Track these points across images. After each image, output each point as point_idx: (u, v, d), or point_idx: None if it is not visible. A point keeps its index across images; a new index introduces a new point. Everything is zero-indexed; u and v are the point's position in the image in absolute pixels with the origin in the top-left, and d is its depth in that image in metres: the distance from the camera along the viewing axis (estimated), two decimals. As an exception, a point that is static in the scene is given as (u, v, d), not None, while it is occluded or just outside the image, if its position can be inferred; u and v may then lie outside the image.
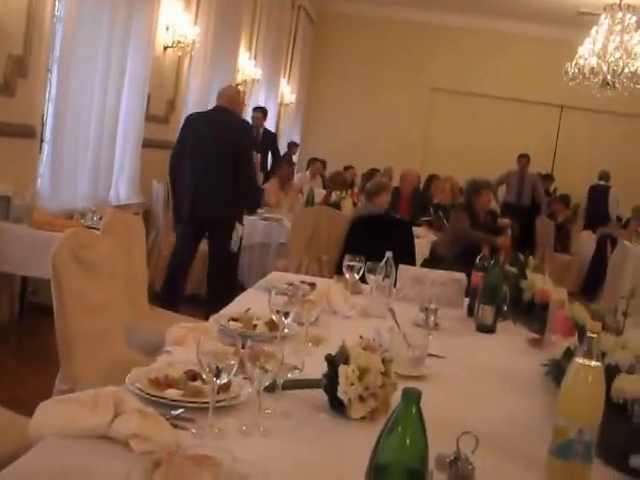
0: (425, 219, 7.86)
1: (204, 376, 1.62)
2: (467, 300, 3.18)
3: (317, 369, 1.82)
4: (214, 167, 5.24)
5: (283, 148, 12.04)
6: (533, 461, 1.60)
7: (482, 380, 2.26)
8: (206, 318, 2.81)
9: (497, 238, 6.35)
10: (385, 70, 14.35)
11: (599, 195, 12.61)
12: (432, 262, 5.41)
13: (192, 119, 5.57)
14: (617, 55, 10.25)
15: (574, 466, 1.51)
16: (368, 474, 1.09)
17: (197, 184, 5.26)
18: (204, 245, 5.55)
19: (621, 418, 1.70)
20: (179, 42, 7.23)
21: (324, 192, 8.80)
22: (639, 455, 1.54)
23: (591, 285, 10.10)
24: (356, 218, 5.59)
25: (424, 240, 6.47)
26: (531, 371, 2.34)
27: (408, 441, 1.07)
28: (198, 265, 5.88)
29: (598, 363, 1.50)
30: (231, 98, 5.47)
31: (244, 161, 5.34)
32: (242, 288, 4.04)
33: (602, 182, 12.78)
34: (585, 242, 11.60)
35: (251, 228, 6.71)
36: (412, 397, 1.10)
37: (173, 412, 1.63)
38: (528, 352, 2.65)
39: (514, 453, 1.68)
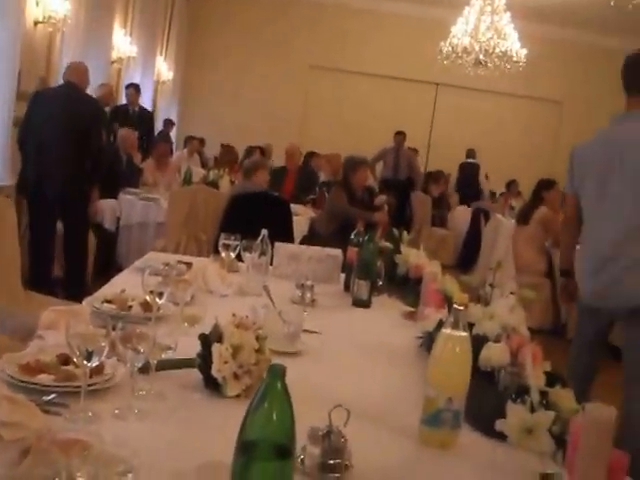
0: (312, 197, 7.91)
1: (75, 360, 1.59)
2: (343, 276, 3.22)
3: (193, 349, 1.80)
4: (62, 144, 5.16)
5: (161, 126, 11.87)
6: (407, 431, 1.64)
7: (358, 354, 2.29)
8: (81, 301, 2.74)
9: (374, 214, 6.45)
10: (263, 47, 14.28)
11: (469, 172, 13.05)
12: (311, 239, 5.45)
13: (40, 95, 5.47)
14: (488, 35, 10.57)
15: (444, 433, 1.57)
16: (236, 451, 1.10)
17: (44, 161, 5.16)
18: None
19: (488, 385, 1.77)
20: (50, 17, 6.98)
21: (202, 170, 8.73)
22: (504, 419, 1.60)
23: (466, 258, 10.44)
24: (234, 196, 5.55)
25: (302, 218, 6.51)
26: (406, 343, 2.39)
27: (274, 417, 1.08)
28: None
29: (464, 334, 1.55)
30: (80, 74, 5.42)
31: (93, 137, 5.32)
32: (120, 269, 3.97)
33: (470, 160, 13.26)
34: (460, 216, 11.95)
35: (129, 208, 6.59)
36: (277, 373, 1.11)
37: (45, 398, 1.58)
38: (403, 325, 2.71)
39: (388, 424, 1.71)
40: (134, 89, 9.61)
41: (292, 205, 6.07)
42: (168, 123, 12.31)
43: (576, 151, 3.54)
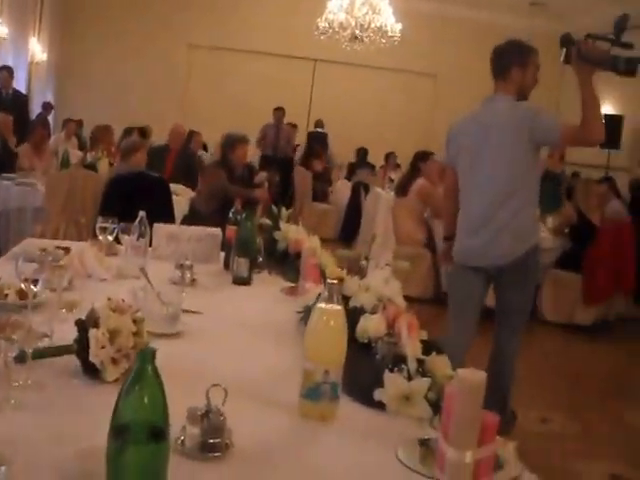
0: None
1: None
2: (223, 254, 3.23)
3: (71, 335, 1.77)
4: None
5: (38, 109, 11.48)
6: (287, 406, 1.66)
7: (238, 332, 2.30)
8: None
9: (254, 191, 6.46)
10: (141, 27, 14.00)
11: (317, 141, 13.17)
12: (192, 218, 5.40)
13: None
14: (364, 10, 10.68)
15: (323, 405, 1.60)
16: (109, 436, 1.09)
17: None
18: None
19: (366, 356, 1.81)
20: None
21: (80, 153, 8.51)
22: (382, 388, 1.64)
23: (348, 231, 10.58)
24: (112, 178, 5.45)
25: (182, 198, 6.44)
26: (287, 319, 2.41)
27: (146, 400, 1.08)
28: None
29: (338, 307, 1.58)
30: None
31: None
32: (-3, 257, 3.84)
33: (319, 129, 13.44)
34: (341, 190, 12.09)
35: (5, 194, 6.40)
36: (146, 356, 1.11)
37: None
38: (284, 301, 2.73)
39: (269, 400, 1.73)
40: (6, 72, 9.26)
41: (172, 185, 6.01)
42: (47, 107, 11.93)
43: (452, 127, 4.04)
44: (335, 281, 1.58)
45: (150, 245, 3.07)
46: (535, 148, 3.79)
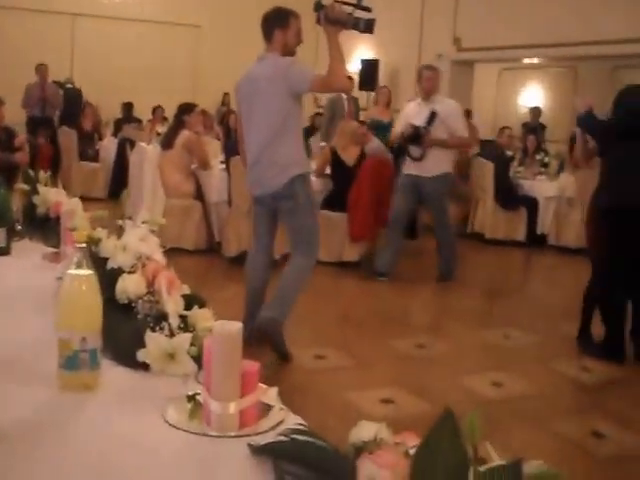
0: None
1: None
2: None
3: None
4: None
5: None
6: (48, 380, 1.57)
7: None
8: None
9: (14, 155, 6.13)
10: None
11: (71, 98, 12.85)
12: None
13: None
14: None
15: (84, 374, 1.54)
16: None
17: None
18: None
19: (127, 317, 1.78)
20: None
21: None
22: (145, 349, 1.62)
23: (116, 189, 10.30)
24: None
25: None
26: (47, 287, 2.30)
27: None
28: None
29: (89, 271, 1.53)
30: None
31: None
32: None
33: (69, 85, 13.23)
34: (108, 147, 11.78)
35: None
36: None
37: None
38: (45, 268, 2.60)
39: (28, 376, 1.62)
40: None
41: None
42: None
43: (236, 83, 4.81)
44: (84, 245, 1.52)
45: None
46: (293, 95, 4.53)
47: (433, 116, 6.76)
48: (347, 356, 4.97)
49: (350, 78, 6.60)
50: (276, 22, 4.62)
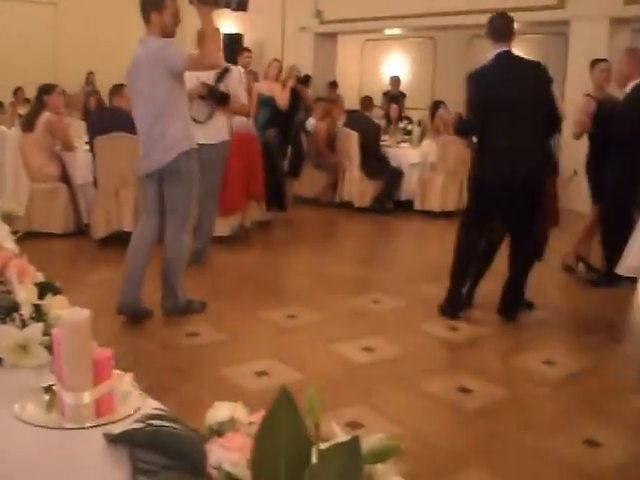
0: None
1: None
2: None
3: None
4: None
5: None
6: None
7: None
8: None
9: None
10: None
11: None
12: None
13: None
14: None
15: None
16: None
17: None
18: None
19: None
20: None
21: None
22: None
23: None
24: None
25: None
26: None
27: None
28: None
29: None
30: None
31: None
32: None
33: None
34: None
35: None
36: None
37: None
38: None
39: None
40: None
41: None
42: None
43: (127, 68, 4.91)
44: None
45: None
46: (172, 74, 4.70)
47: (222, 74, 6.45)
48: (220, 331, 4.98)
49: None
50: (151, 4, 4.75)
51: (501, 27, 5.17)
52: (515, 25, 5.27)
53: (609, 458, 3.47)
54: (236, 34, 14.44)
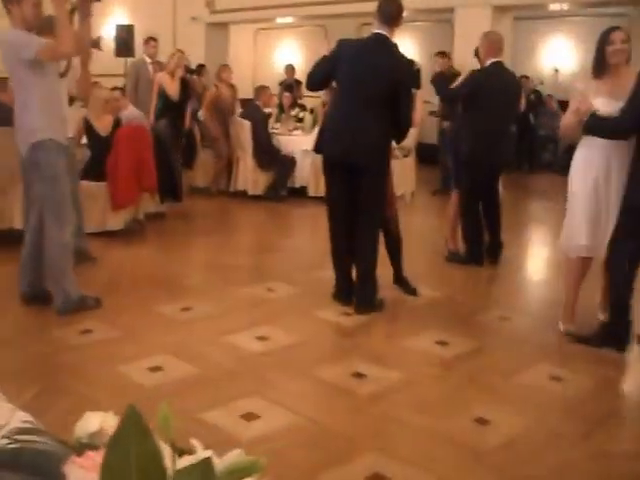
0: None
1: None
2: None
3: None
4: None
5: None
6: None
7: None
8: None
9: None
10: None
11: None
12: None
13: None
14: None
15: None
16: None
17: None
18: None
19: None
20: None
21: None
22: None
23: None
24: None
25: None
26: None
27: None
28: None
29: None
30: None
31: None
32: None
33: None
34: None
35: None
36: None
37: None
38: None
39: None
40: None
41: None
42: None
43: None
44: None
45: None
46: (25, 64, 4.69)
47: None
48: (114, 327, 4.89)
49: (98, 40, 6.22)
50: None
51: (386, 11, 5.20)
52: (404, 12, 5.35)
53: (497, 435, 3.59)
54: (127, 25, 14.11)
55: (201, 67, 12.14)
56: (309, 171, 9.98)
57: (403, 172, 10.52)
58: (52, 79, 4.90)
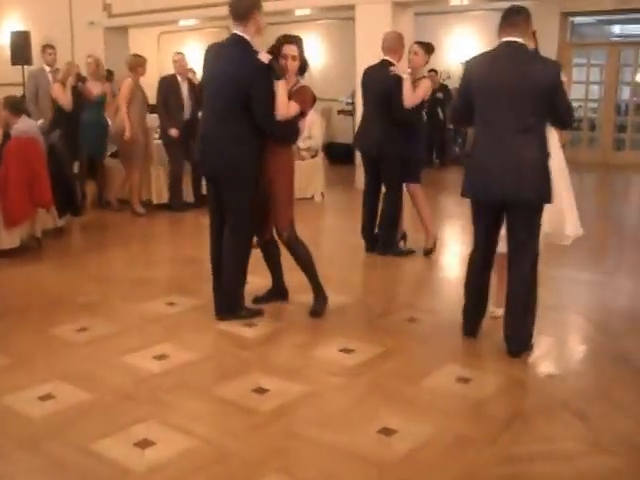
0: None
1: None
2: None
3: None
4: None
5: None
6: None
7: None
8: None
9: None
10: None
11: None
12: None
13: None
14: None
15: None
16: None
17: None
18: None
19: None
20: None
21: None
22: None
23: None
24: None
25: None
26: None
27: None
28: None
29: None
30: None
31: None
32: None
33: None
34: None
35: None
36: None
37: None
38: None
39: None
40: None
41: None
42: None
43: None
44: None
45: None
46: None
47: None
48: (3, 354, 4.61)
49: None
50: None
51: (233, 8, 4.97)
52: (307, 12, 5.25)
53: (403, 445, 3.46)
54: (23, 32, 13.57)
55: (110, 73, 11.80)
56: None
57: (311, 173, 10.42)
58: None
